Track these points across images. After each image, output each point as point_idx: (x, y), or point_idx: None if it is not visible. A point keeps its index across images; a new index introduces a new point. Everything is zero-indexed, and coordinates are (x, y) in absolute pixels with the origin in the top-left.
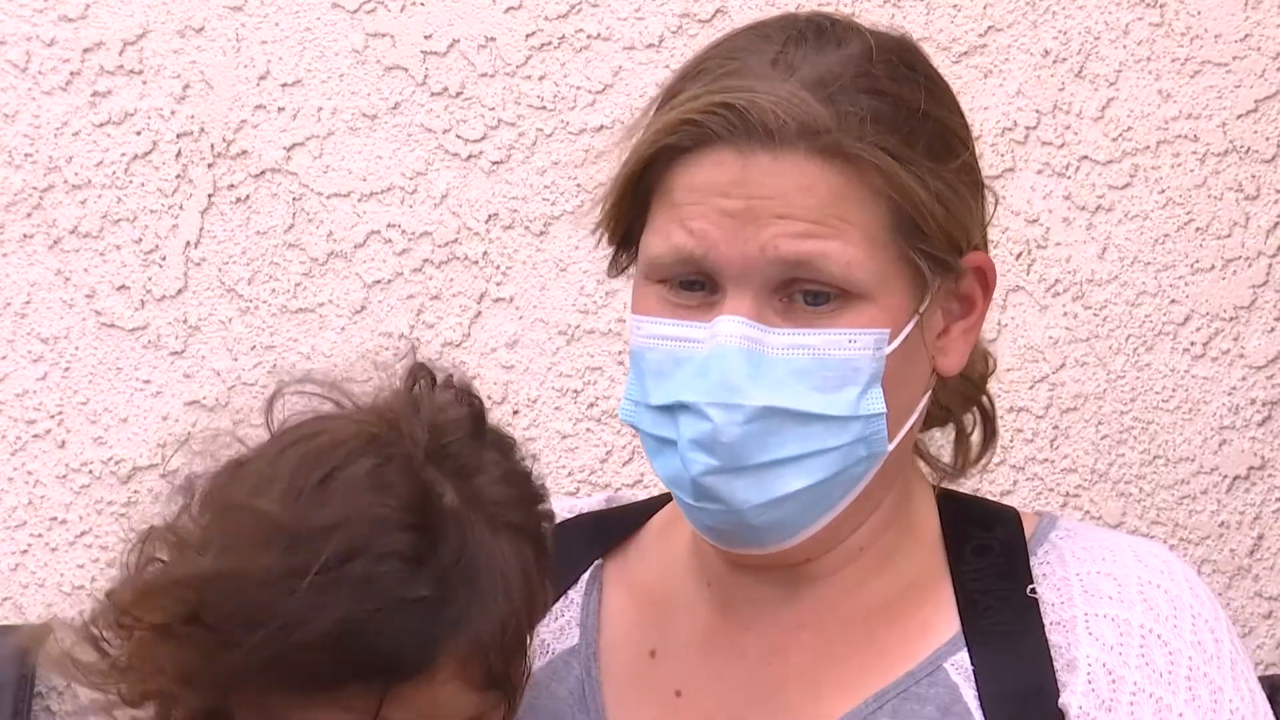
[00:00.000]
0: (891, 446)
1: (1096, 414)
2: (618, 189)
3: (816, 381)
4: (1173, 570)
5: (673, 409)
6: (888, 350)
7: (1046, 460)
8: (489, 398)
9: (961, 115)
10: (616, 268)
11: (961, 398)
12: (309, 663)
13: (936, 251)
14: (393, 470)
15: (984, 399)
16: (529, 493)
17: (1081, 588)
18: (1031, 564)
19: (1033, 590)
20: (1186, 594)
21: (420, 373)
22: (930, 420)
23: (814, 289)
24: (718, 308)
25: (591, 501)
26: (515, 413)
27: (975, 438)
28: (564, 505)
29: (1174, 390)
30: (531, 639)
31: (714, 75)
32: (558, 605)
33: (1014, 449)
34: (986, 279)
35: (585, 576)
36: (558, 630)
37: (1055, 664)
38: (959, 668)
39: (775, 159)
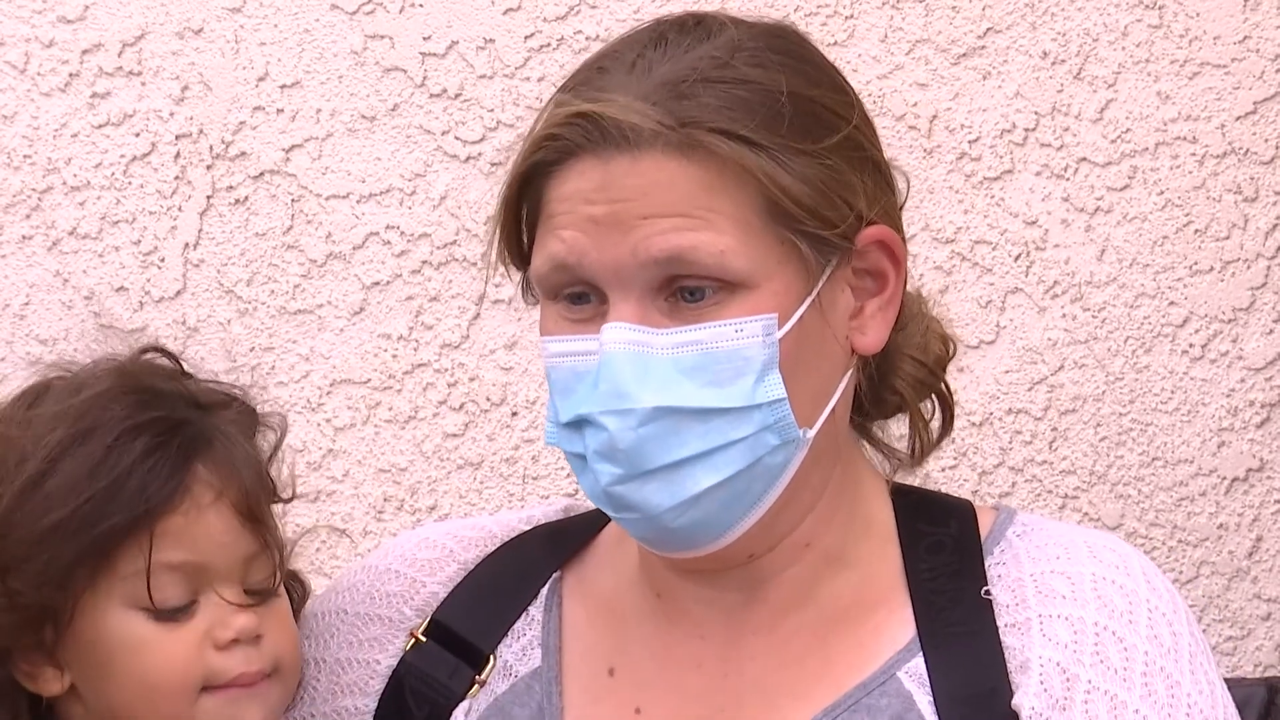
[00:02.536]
0: (811, 432)
1: (1095, 416)
2: (500, 213)
3: (709, 376)
4: (1129, 564)
5: (579, 424)
6: (779, 335)
7: (1045, 462)
8: (487, 399)
9: (844, 94)
10: (530, 294)
11: (917, 383)
12: (81, 524)
13: (815, 231)
14: (102, 376)
15: (942, 386)
16: (231, 392)
17: (1035, 588)
18: (987, 564)
19: (987, 592)
20: (1143, 588)
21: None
22: (884, 408)
23: (692, 284)
24: (606, 318)
25: (548, 510)
26: (514, 414)
27: (934, 425)
28: (521, 516)
29: (1173, 392)
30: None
31: (579, 86)
32: (519, 624)
33: (1013, 450)
34: (894, 253)
35: (544, 591)
36: (520, 651)
37: (1009, 665)
38: (913, 675)
39: (634, 161)
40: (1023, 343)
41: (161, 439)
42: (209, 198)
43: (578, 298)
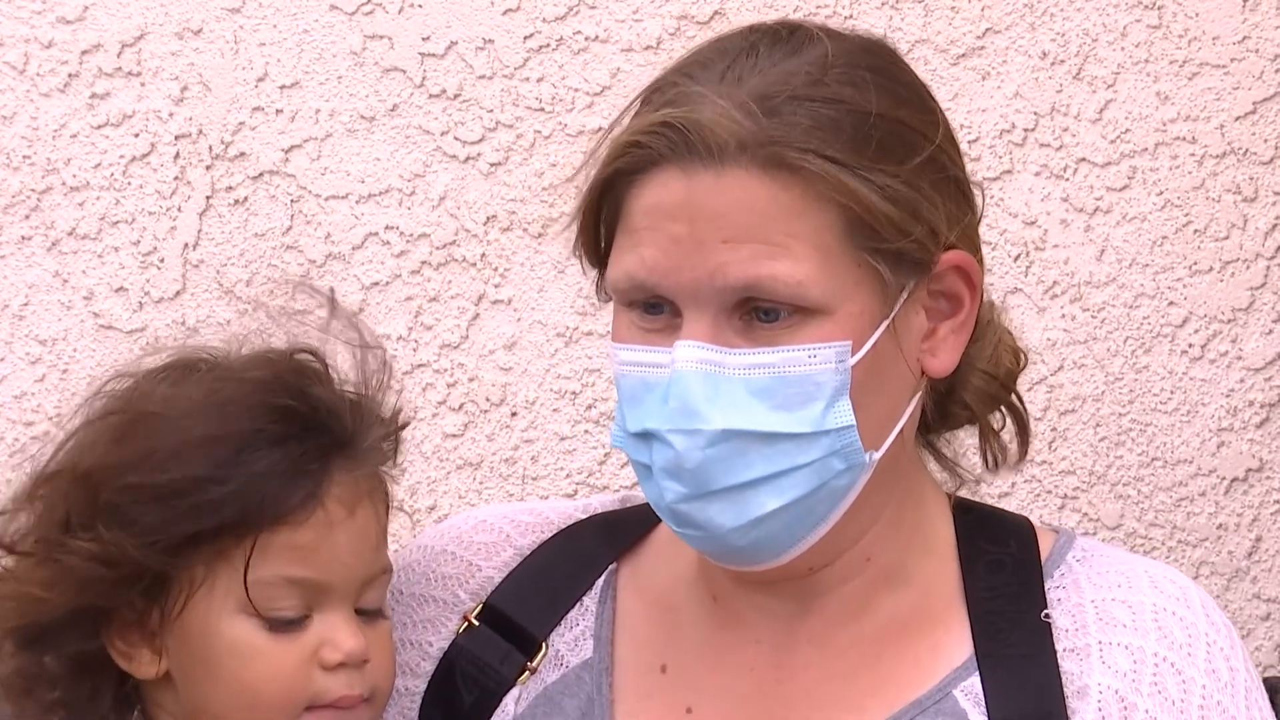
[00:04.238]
0: (878, 455)
1: (1095, 416)
2: (581, 214)
3: (778, 400)
4: (1189, 597)
5: (646, 436)
6: (852, 361)
7: (1045, 462)
8: (487, 399)
9: (931, 113)
10: (603, 292)
11: (986, 396)
12: (193, 495)
13: (895, 254)
14: (250, 365)
15: (1013, 398)
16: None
17: (1096, 615)
18: (1047, 587)
19: (1047, 616)
20: (1202, 621)
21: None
22: (951, 420)
23: (768, 306)
24: (679, 331)
25: (605, 500)
26: (513, 414)
27: (1007, 438)
28: (578, 505)
29: (1172, 392)
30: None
31: (665, 93)
32: (572, 614)
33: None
34: (970, 277)
35: (600, 582)
36: (572, 641)
37: (1066, 691)
38: (969, 694)
39: (718, 177)
40: (1022, 343)
41: (300, 444)
42: (208, 198)
43: (651, 307)
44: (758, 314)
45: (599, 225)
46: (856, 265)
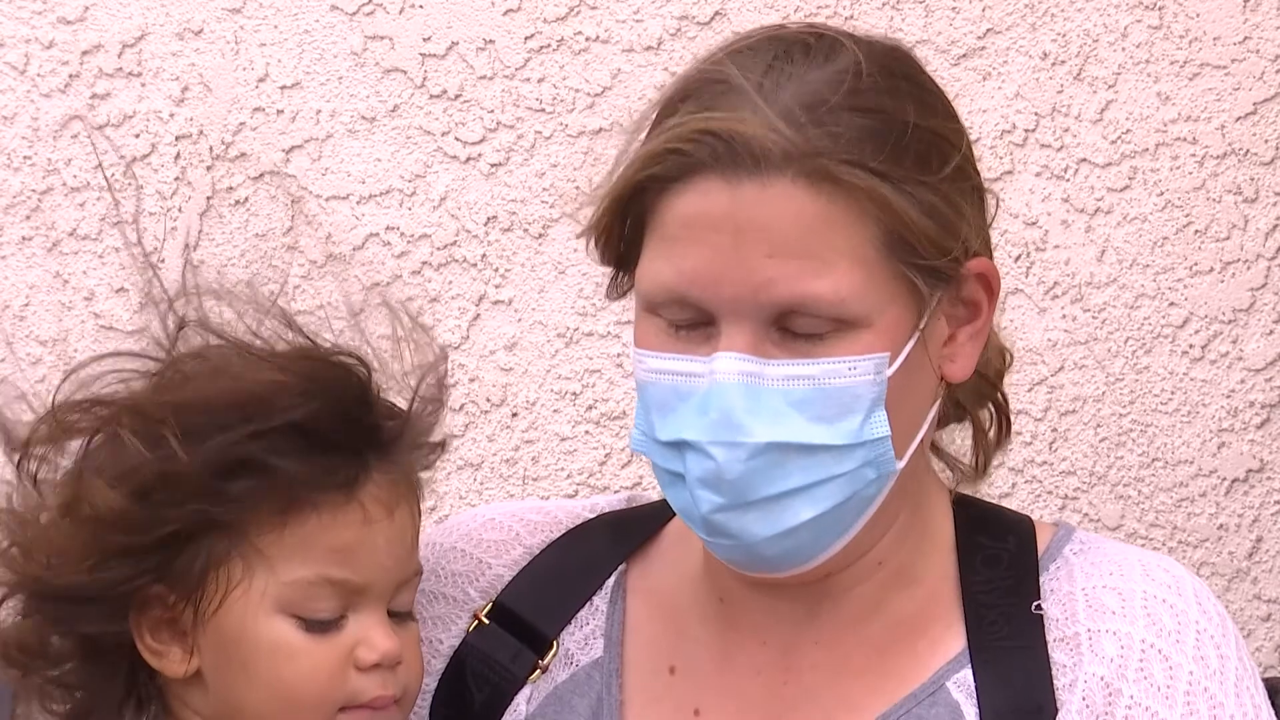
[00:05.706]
0: (902, 463)
1: (1095, 416)
2: (606, 213)
3: (817, 411)
4: (1181, 585)
5: (679, 445)
6: (889, 373)
7: (1045, 463)
8: (487, 399)
9: (955, 120)
10: (616, 290)
11: (977, 395)
12: (221, 465)
13: (931, 264)
14: (293, 358)
15: (998, 395)
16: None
17: (1086, 603)
18: (1041, 579)
19: (1038, 607)
20: (1193, 609)
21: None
22: (944, 418)
23: (809, 319)
24: (715, 341)
25: (611, 500)
26: (514, 415)
27: (992, 435)
28: (585, 504)
29: (1173, 393)
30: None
31: (700, 99)
32: (582, 613)
33: (1013, 451)
34: (990, 284)
35: (610, 582)
36: (582, 640)
37: (1057, 682)
38: (961, 685)
39: (763, 187)
40: (1023, 343)
41: (337, 432)
42: (209, 199)
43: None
44: (799, 325)
45: (624, 228)
46: (894, 278)
